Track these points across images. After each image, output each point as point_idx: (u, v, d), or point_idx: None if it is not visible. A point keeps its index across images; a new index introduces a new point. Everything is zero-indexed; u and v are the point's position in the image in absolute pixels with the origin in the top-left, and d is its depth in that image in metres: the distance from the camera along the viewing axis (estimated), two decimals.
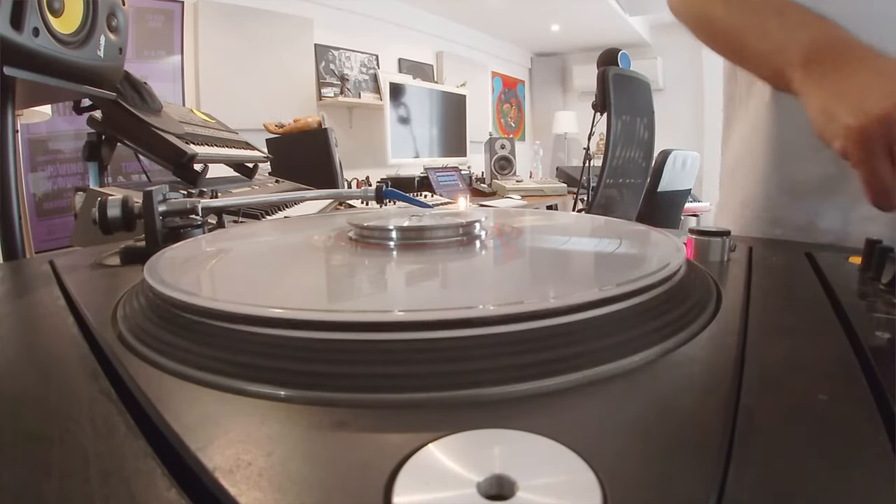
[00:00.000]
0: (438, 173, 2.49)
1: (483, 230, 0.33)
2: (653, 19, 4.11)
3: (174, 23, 2.11)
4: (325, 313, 0.19)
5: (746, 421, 0.15)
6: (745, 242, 0.40)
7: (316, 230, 0.41)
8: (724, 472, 0.12)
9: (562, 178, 3.05)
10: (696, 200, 3.24)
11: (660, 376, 0.18)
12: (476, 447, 0.13)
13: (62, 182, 1.74)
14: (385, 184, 0.60)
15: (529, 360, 0.17)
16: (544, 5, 3.46)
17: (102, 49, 0.76)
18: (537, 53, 4.87)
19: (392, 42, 3.20)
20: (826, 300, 0.26)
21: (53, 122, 1.63)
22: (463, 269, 0.29)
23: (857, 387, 0.17)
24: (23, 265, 0.43)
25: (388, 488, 0.12)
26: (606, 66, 2.11)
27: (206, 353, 0.19)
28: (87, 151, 1.01)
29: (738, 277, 0.30)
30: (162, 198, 0.41)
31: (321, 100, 2.71)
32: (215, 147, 1.15)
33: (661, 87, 4.16)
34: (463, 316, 0.18)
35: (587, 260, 0.32)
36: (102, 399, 0.17)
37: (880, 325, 0.22)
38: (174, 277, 0.24)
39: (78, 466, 0.13)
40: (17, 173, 0.68)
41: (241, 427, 0.15)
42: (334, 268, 0.31)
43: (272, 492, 0.12)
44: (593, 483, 0.12)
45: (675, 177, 2.39)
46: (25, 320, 0.27)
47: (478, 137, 3.33)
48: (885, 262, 0.28)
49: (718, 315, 0.23)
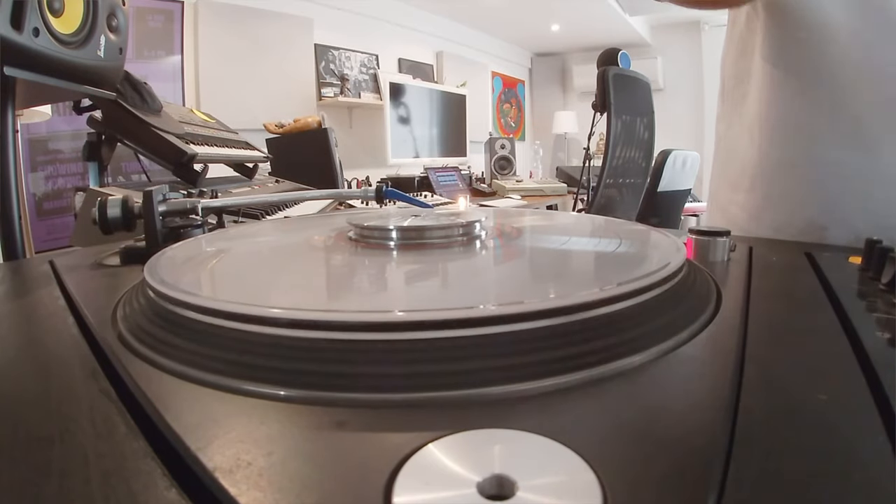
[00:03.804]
0: (438, 173, 2.49)
1: (483, 230, 0.33)
2: (653, 19, 4.11)
3: (174, 23, 2.11)
4: (325, 313, 0.19)
5: (746, 421, 0.15)
6: (745, 242, 0.40)
7: (316, 230, 0.41)
8: (724, 472, 0.12)
9: (562, 178, 3.05)
10: (696, 200, 3.24)
11: (660, 376, 0.18)
12: (476, 447, 0.13)
13: (62, 182, 1.74)
14: (385, 184, 0.60)
15: (529, 360, 0.17)
16: (544, 5, 3.46)
17: (102, 49, 0.76)
18: (537, 53, 4.87)
19: (392, 42, 3.20)
20: (826, 300, 0.26)
21: (53, 122, 1.63)
22: (463, 269, 0.29)
23: (857, 387, 0.17)
24: (23, 265, 0.43)
25: (388, 488, 0.12)
26: (606, 65, 2.11)
27: (206, 352, 0.19)
28: (87, 151, 1.01)
29: (738, 277, 0.30)
30: (162, 198, 0.41)
31: (321, 100, 2.71)
32: (215, 147, 1.15)
33: (661, 87, 4.16)
34: (463, 316, 0.18)
35: (587, 260, 0.32)
36: (102, 399, 0.17)
37: (880, 325, 0.22)
38: (174, 277, 0.24)
39: (78, 466, 0.13)
40: (17, 173, 0.68)
41: (241, 427, 0.15)
42: (334, 268, 0.31)
43: (272, 492, 0.12)
44: (593, 483, 0.12)
45: (675, 177, 2.39)
46: (25, 320, 0.27)
47: (478, 137, 3.33)
48: (885, 262, 0.28)
49: (718, 315, 0.23)
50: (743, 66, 0.55)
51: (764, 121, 0.52)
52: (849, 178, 0.47)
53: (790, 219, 0.50)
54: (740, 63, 0.55)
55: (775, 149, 0.51)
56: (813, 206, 0.49)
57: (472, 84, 3.49)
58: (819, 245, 0.44)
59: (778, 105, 0.51)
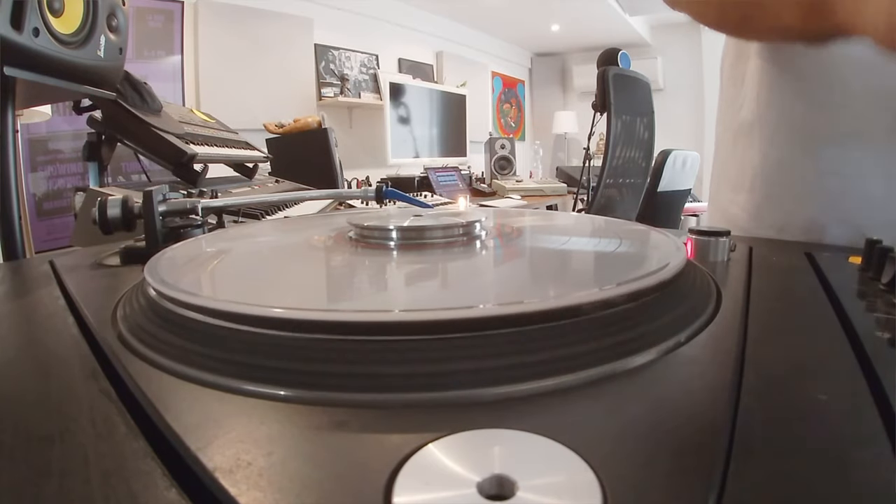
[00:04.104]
0: (438, 173, 2.49)
1: (483, 230, 0.33)
2: (653, 19, 4.11)
3: (174, 23, 2.12)
4: (325, 313, 0.19)
5: (746, 421, 0.15)
6: (745, 242, 0.40)
7: (316, 230, 0.41)
8: (724, 472, 0.12)
9: (562, 178, 3.05)
10: (696, 200, 3.24)
11: (660, 376, 0.18)
12: (476, 447, 0.13)
13: (62, 182, 1.74)
14: (385, 184, 0.60)
15: (529, 360, 0.17)
16: (544, 5, 3.46)
17: (102, 49, 0.76)
18: (537, 53, 4.88)
19: (392, 42, 3.20)
20: (826, 300, 0.26)
21: (53, 122, 1.63)
22: (463, 269, 0.29)
23: (857, 387, 0.17)
24: (23, 265, 0.43)
25: (388, 488, 0.12)
26: (606, 65, 2.12)
27: (206, 352, 0.19)
28: (87, 151, 1.01)
29: (738, 277, 0.30)
30: (162, 198, 0.41)
31: (321, 100, 2.71)
32: (215, 147, 1.15)
33: (661, 87, 4.16)
34: (463, 316, 0.18)
35: (587, 260, 0.32)
36: (102, 399, 0.17)
37: (880, 325, 0.22)
38: (174, 277, 0.24)
39: (78, 466, 0.13)
40: (17, 173, 0.68)
41: (241, 427, 0.15)
42: (334, 268, 0.31)
43: (272, 492, 0.12)
44: (593, 483, 0.12)
45: (675, 177, 2.39)
46: (25, 320, 0.27)
47: (478, 137, 3.33)
48: (886, 262, 0.28)
49: (718, 315, 0.23)
50: (741, 67, 0.55)
51: (763, 121, 0.52)
52: (848, 177, 0.47)
53: (791, 218, 0.50)
54: (739, 64, 0.56)
55: (775, 149, 0.51)
56: (814, 206, 0.49)
57: (472, 84, 3.49)
58: (819, 245, 0.44)
59: (776, 105, 0.51)
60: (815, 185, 0.49)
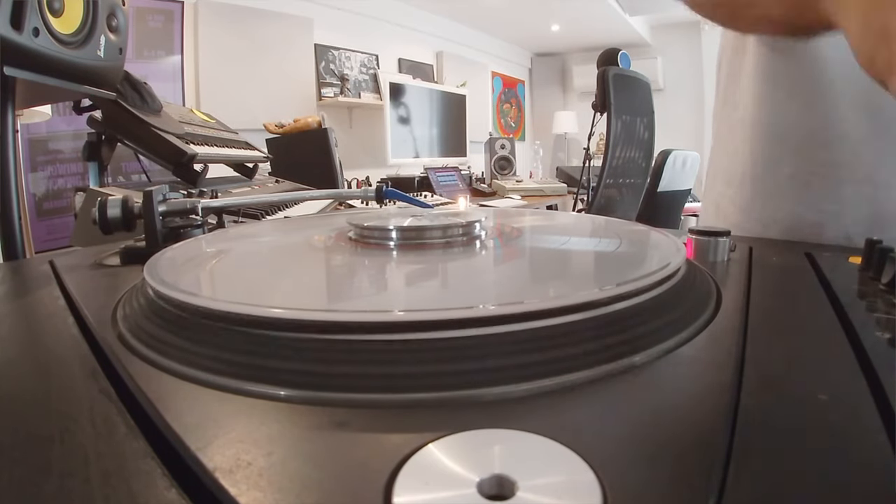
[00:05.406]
0: (438, 173, 2.49)
1: (483, 230, 0.33)
2: (653, 19, 4.11)
3: (174, 23, 2.12)
4: (325, 313, 0.19)
5: (746, 421, 0.15)
6: (745, 242, 0.40)
7: (316, 230, 0.41)
8: (724, 472, 0.12)
9: (562, 178, 3.05)
10: (697, 200, 3.24)
11: (660, 376, 0.18)
12: (476, 447, 0.13)
13: (62, 182, 1.74)
14: (385, 184, 0.60)
15: (529, 360, 0.17)
16: (544, 5, 3.46)
17: (102, 49, 0.76)
18: (537, 53, 4.88)
19: (392, 42, 3.20)
20: (826, 300, 0.26)
21: (53, 122, 1.63)
22: (463, 269, 0.29)
23: (857, 387, 0.17)
24: (23, 265, 0.43)
25: (388, 488, 0.12)
26: (606, 66, 2.12)
27: (206, 352, 0.19)
28: (87, 151, 1.01)
29: (738, 277, 0.30)
30: (162, 198, 0.41)
31: (321, 100, 2.71)
32: (215, 147, 1.15)
33: (661, 87, 4.16)
34: (463, 316, 0.18)
35: (587, 260, 0.32)
36: (102, 399, 0.17)
37: (880, 325, 0.22)
38: (174, 277, 0.24)
39: (78, 466, 0.13)
40: (17, 173, 0.68)
41: (241, 427, 0.15)
42: (334, 268, 0.31)
43: (272, 492, 0.12)
44: (593, 483, 0.12)
45: (675, 177, 2.39)
46: (25, 320, 0.27)
47: (478, 137, 3.33)
48: (886, 262, 0.28)
49: (718, 315, 0.23)
50: (737, 64, 0.55)
51: (755, 118, 0.52)
52: (835, 178, 0.47)
53: (776, 214, 0.51)
54: (734, 61, 0.56)
55: (766, 146, 0.52)
56: (800, 203, 0.49)
57: (472, 84, 3.49)
58: (819, 245, 0.44)
59: (768, 103, 0.51)
60: (801, 184, 0.49)
